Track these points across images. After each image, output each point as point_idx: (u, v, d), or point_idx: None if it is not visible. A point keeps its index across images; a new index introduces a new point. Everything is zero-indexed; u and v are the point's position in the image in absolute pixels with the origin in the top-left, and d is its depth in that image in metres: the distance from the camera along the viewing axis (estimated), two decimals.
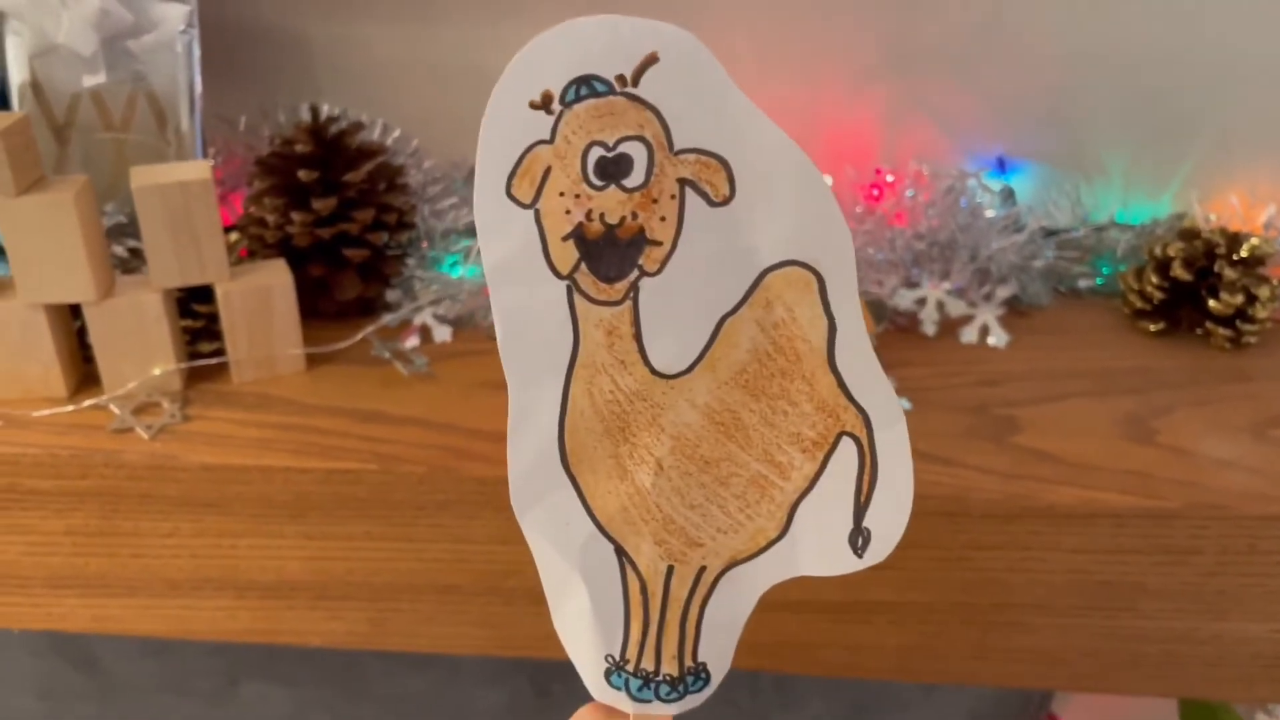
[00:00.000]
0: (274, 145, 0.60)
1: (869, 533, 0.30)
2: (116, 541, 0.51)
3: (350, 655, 0.71)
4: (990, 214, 0.62)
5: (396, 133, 0.66)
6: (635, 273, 0.29)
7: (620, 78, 0.27)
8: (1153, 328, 0.59)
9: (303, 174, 0.57)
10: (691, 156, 0.28)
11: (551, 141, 0.28)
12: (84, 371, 0.55)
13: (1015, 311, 0.62)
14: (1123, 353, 0.58)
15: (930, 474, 0.49)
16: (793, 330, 0.29)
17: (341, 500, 0.49)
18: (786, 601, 0.50)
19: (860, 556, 0.31)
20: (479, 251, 0.64)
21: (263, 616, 0.53)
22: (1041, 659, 0.52)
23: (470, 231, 0.66)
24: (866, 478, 0.30)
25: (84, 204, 0.49)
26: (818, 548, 0.31)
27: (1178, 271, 0.58)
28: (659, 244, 0.29)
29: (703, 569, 0.32)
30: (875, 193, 0.62)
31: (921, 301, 0.59)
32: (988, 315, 0.59)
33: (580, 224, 0.28)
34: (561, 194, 0.28)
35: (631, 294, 0.29)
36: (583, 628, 0.32)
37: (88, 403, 0.52)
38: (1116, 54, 0.63)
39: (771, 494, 0.31)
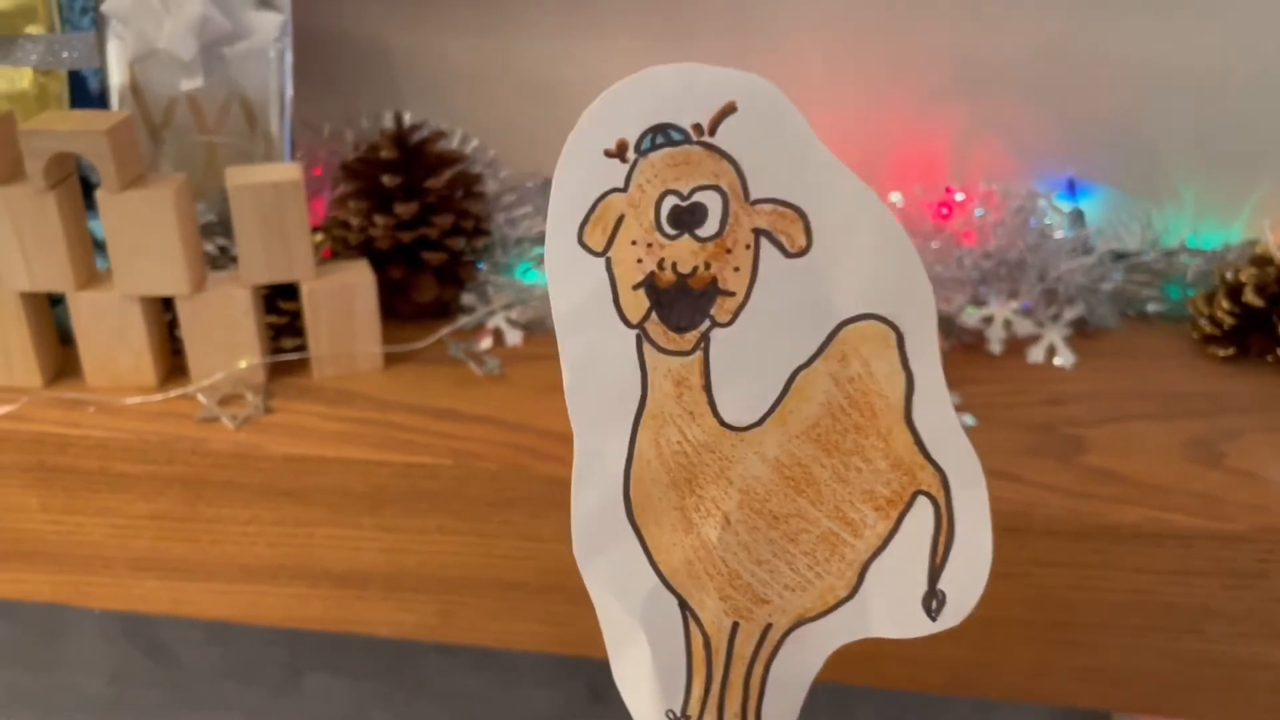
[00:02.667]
0: (359, 151, 0.62)
1: (944, 595, 0.30)
2: (198, 527, 0.53)
3: (410, 650, 0.72)
4: (1059, 235, 0.62)
5: (475, 142, 0.68)
6: (706, 323, 0.29)
7: (697, 127, 0.27)
8: (1222, 353, 0.59)
9: (386, 179, 0.59)
10: (768, 207, 0.27)
11: (625, 190, 0.28)
12: (172, 362, 0.57)
13: (1082, 333, 0.62)
14: (1191, 377, 0.58)
15: (994, 489, 0.48)
16: (869, 385, 0.29)
17: (417, 494, 0.51)
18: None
19: (934, 619, 0.30)
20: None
21: (335, 605, 0.55)
22: (1102, 679, 0.52)
23: (541, 240, 0.67)
24: (943, 539, 0.29)
25: (181, 201, 0.51)
26: (889, 609, 0.30)
27: (1249, 297, 0.58)
28: (732, 294, 0.28)
29: (769, 626, 0.31)
30: (944, 211, 0.62)
31: (988, 320, 0.59)
32: (1055, 335, 0.59)
33: (652, 273, 0.28)
34: (634, 242, 0.28)
35: (702, 344, 0.29)
36: (644, 681, 0.32)
37: (175, 392, 0.54)
38: (1191, 78, 0.64)
39: (842, 552, 0.30)
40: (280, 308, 0.57)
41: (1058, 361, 0.59)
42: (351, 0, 0.67)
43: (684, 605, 0.31)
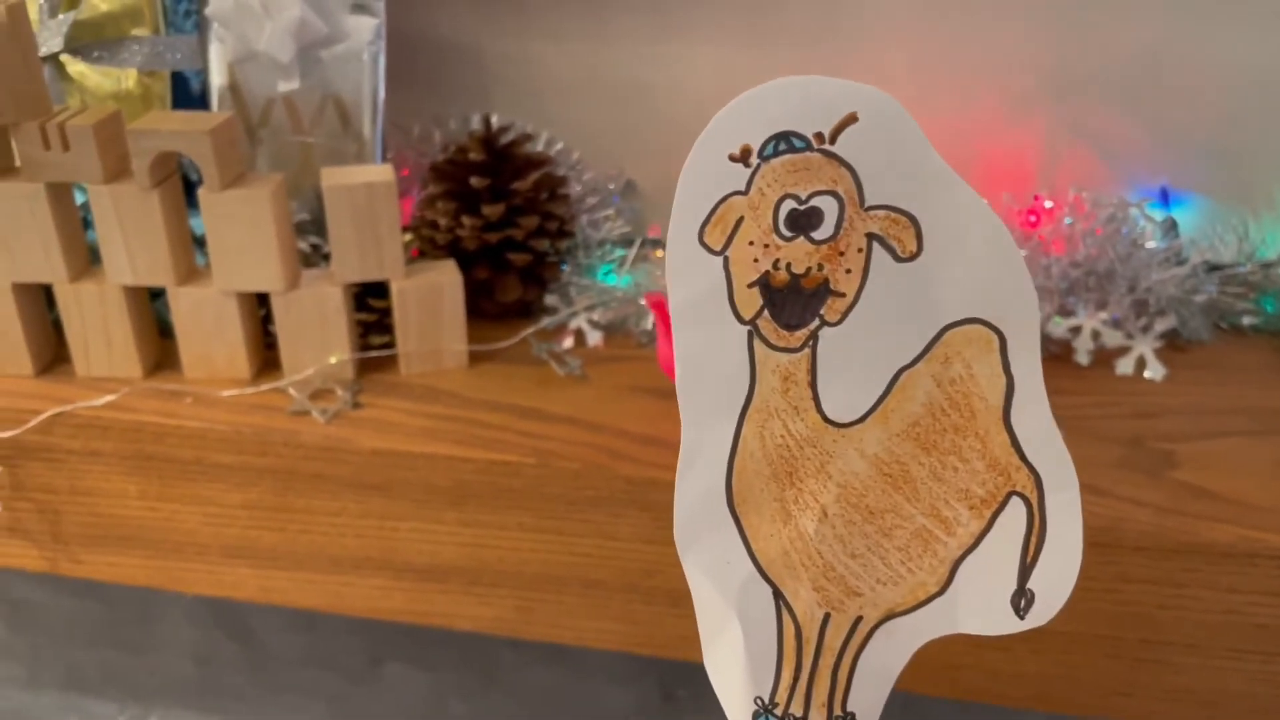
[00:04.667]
0: (448, 153, 0.63)
1: (1032, 595, 0.30)
2: (288, 517, 0.55)
3: (485, 644, 0.73)
4: (1151, 245, 0.61)
5: (560, 145, 0.69)
6: (816, 322, 0.30)
7: (818, 135, 0.28)
8: None
9: (474, 181, 0.60)
10: (881, 213, 0.29)
11: (746, 193, 0.29)
12: (265, 357, 0.58)
13: (1173, 345, 0.60)
14: None
15: (1081, 502, 0.48)
16: (970, 387, 0.30)
17: (499, 490, 0.52)
18: None
19: (1022, 618, 0.31)
20: (631, 262, 0.66)
21: (417, 597, 0.56)
22: (1189, 699, 0.50)
23: (623, 242, 0.68)
24: (1034, 539, 0.30)
25: (279, 200, 0.53)
26: (978, 606, 0.31)
27: None
28: (842, 295, 0.29)
29: (859, 619, 0.32)
30: (1032, 219, 0.62)
31: (1076, 330, 0.58)
32: (1145, 347, 0.58)
33: (767, 272, 0.30)
34: (751, 243, 0.29)
35: (811, 342, 0.30)
36: (734, 668, 0.33)
37: (268, 386, 0.56)
38: None
39: (935, 549, 0.31)
40: (370, 305, 0.58)
41: (1148, 374, 0.57)
42: (445, 5, 0.69)
43: (778, 594, 0.32)
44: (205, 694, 0.83)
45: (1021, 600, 0.31)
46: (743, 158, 0.29)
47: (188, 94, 0.65)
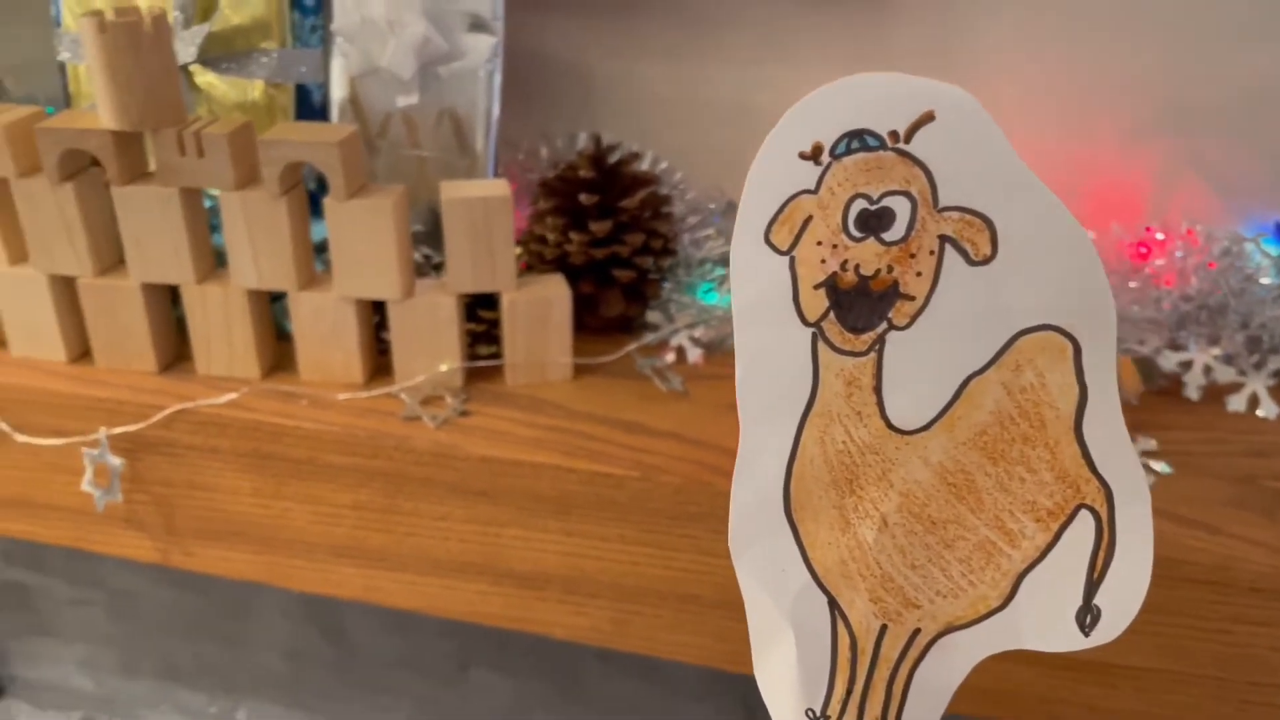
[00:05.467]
0: (558, 169, 0.64)
1: (1099, 611, 0.29)
2: (395, 519, 0.56)
3: (571, 653, 0.74)
4: (1266, 281, 0.60)
5: (664, 164, 0.70)
6: (883, 325, 0.29)
7: (893, 134, 0.28)
8: None
9: (584, 197, 0.61)
10: (955, 214, 0.28)
11: (815, 192, 0.28)
12: (377, 362, 0.60)
13: None
14: None
15: (1192, 540, 0.47)
16: (1040, 396, 0.29)
17: (602, 502, 0.52)
18: (1024, 652, 0.50)
19: (1087, 635, 0.29)
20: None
21: (515, 603, 0.57)
22: None
23: (724, 262, 0.69)
24: (1103, 554, 0.29)
25: (400, 211, 0.54)
26: (1042, 621, 0.30)
27: None
28: (911, 299, 0.29)
29: (917, 631, 0.31)
30: (1143, 250, 0.61)
31: (1187, 365, 0.58)
32: (1258, 385, 0.57)
33: (834, 273, 0.29)
34: (819, 243, 0.29)
35: (877, 346, 0.29)
36: (786, 678, 0.32)
37: (381, 390, 0.58)
38: None
39: (998, 561, 0.30)
40: (480, 316, 0.59)
41: (1260, 413, 0.56)
42: (557, 24, 0.70)
43: (834, 604, 0.31)
44: (294, 690, 0.85)
45: (1087, 617, 0.29)
46: (813, 155, 0.28)
47: (310, 106, 0.67)
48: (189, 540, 0.61)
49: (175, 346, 0.61)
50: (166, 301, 0.60)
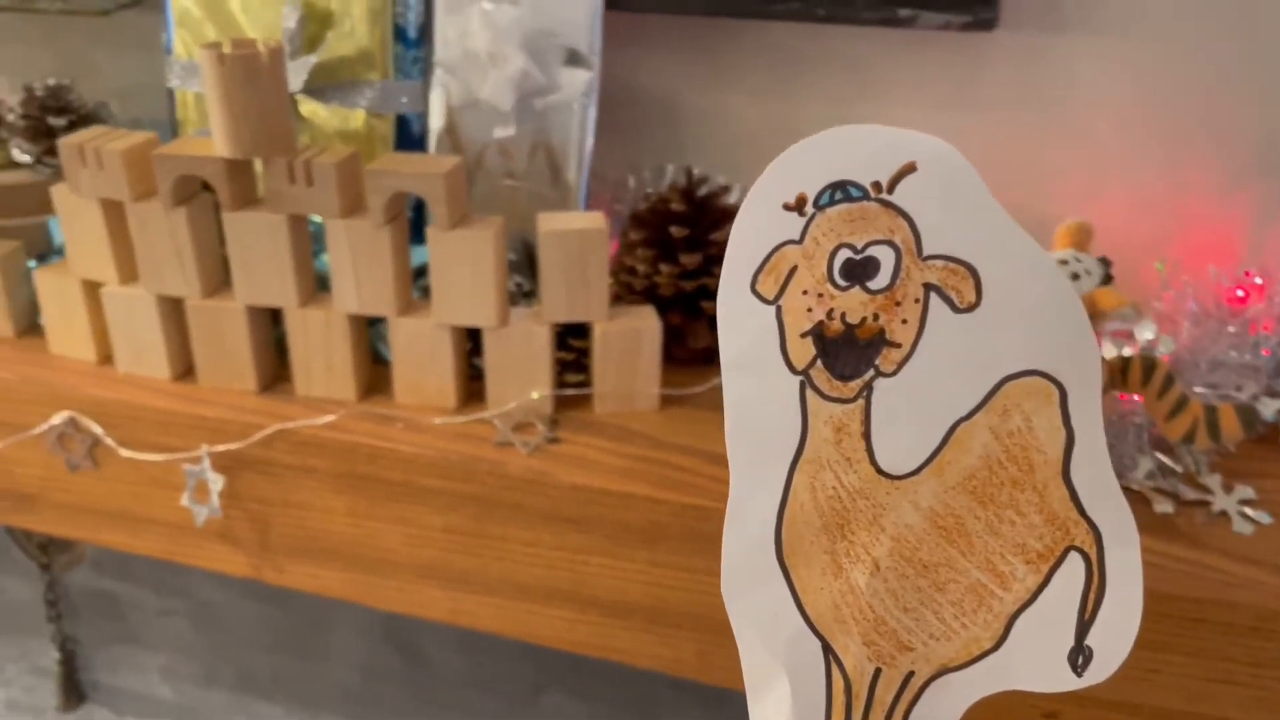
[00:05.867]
0: (649, 202, 0.65)
1: (1091, 651, 0.29)
2: (484, 543, 0.57)
3: (646, 682, 0.74)
4: None
5: None
6: (870, 372, 0.29)
7: (876, 184, 0.28)
8: None
9: (675, 230, 0.62)
10: (940, 263, 0.28)
11: (800, 242, 0.29)
12: (469, 388, 0.61)
13: None
14: None
15: None
16: (1028, 440, 0.29)
17: (690, 534, 0.53)
18: (1123, 702, 0.50)
19: (1079, 675, 0.29)
20: None
21: (600, 631, 0.57)
22: None
23: None
24: (1093, 595, 0.29)
25: (499, 242, 0.56)
26: (1034, 662, 0.30)
27: None
28: (898, 346, 0.29)
29: (911, 674, 0.31)
30: (1240, 295, 0.60)
31: None
32: None
33: (820, 322, 0.29)
34: (805, 292, 0.29)
35: (865, 393, 0.30)
36: None
37: (474, 416, 0.59)
38: None
39: (990, 604, 0.30)
40: (570, 344, 0.60)
41: None
42: (651, 60, 0.71)
43: (827, 648, 0.32)
44: (368, 706, 0.86)
45: (1079, 657, 0.29)
46: (798, 206, 0.29)
47: (408, 135, 0.69)
48: (281, 556, 0.62)
49: (274, 367, 0.63)
50: (269, 324, 0.62)
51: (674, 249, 0.62)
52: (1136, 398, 0.53)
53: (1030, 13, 0.64)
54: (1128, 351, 0.53)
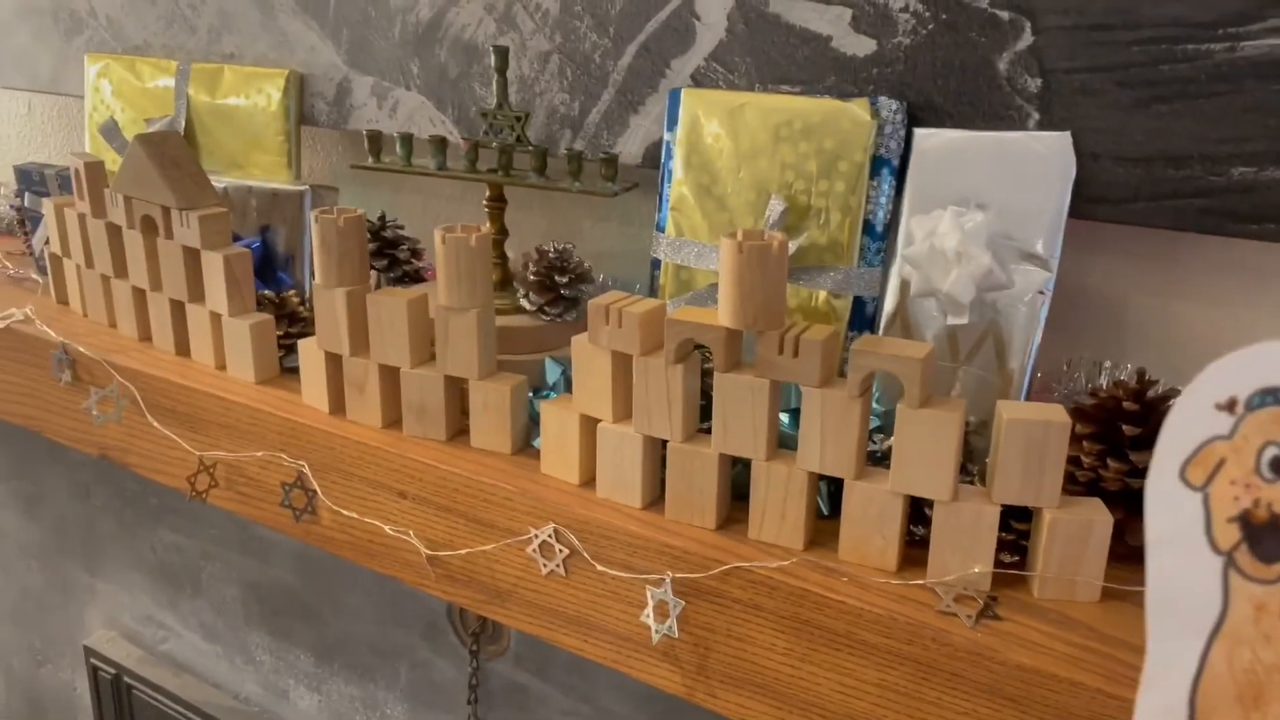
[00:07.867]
0: (1098, 398, 0.68)
1: None
2: (916, 706, 0.60)
3: None
4: None
5: None
6: None
7: None
8: None
9: (1126, 429, 0.64)
10: None
11: (1230, 438, 0.32)
12: (906, 553, 0.66)
13: None
14: None
15: None
16: None
17: None
18: None
19: None
20: None
21: None
22: None
23: None
24: None
25: (962, 423, 0.61)
26: None
27: None
28: None
29: None
30: None
31: None
32: None
33: (1246, 509, 0.32)
34: (1232, 482, 0.32)
35: None
36: None
37: (916, 581, 0.63)
38: None
39: None
40: (1012, 526, 0.63)
41: None
42: (1103, 263, 0.75)
43: None
44: None
45: None
46: (1229, 407, 0.32)
47: (862, 314, 0.76)
48: (716, 682, 0.68)
49: (728, 509, 0.71)
50: (729, 471, 0.70)
51: (1123, 446, 0.65)
52: None
53: None
54: None
